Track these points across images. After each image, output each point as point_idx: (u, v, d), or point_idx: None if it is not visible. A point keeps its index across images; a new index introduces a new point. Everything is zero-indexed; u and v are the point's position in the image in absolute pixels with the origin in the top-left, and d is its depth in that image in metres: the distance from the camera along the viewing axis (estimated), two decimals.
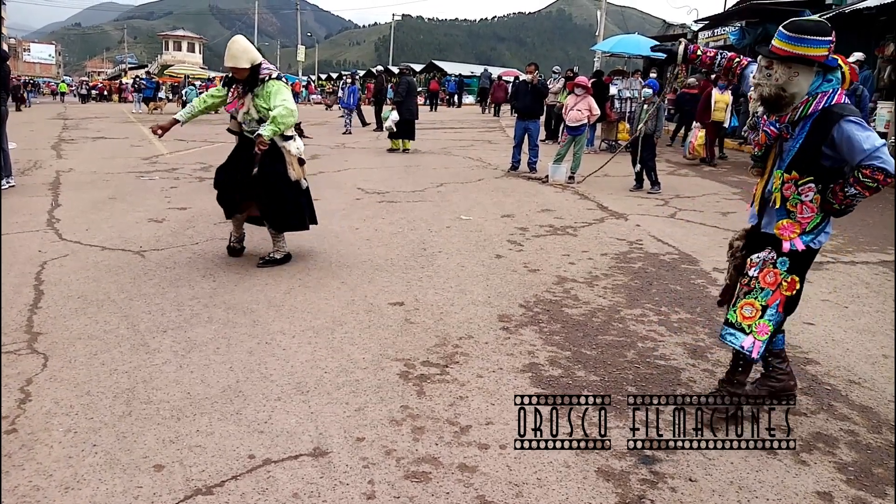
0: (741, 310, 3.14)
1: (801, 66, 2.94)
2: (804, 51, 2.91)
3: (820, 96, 2.96)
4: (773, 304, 3.11)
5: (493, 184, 10.27)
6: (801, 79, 2.95)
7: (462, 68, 49.22)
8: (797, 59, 2.93)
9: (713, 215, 8.16)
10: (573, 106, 10.61)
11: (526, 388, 3.47)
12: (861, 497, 2.66)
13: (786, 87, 2.97)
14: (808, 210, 3.04)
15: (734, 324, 3.14)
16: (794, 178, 3.02)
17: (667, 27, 26.52)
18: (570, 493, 2.62)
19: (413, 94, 14.40)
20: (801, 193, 3.03)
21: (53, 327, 4.15)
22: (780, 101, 3.00)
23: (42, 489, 2.56)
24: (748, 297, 3.14)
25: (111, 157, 12.79)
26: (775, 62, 2.99)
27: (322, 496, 2.55)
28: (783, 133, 3.05)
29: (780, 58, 2.96)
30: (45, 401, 3.23)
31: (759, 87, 3.06)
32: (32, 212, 7.51)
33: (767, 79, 3.01)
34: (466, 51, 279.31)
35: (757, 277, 3.13)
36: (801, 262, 3.12)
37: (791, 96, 2.98)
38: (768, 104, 3.06)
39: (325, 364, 3.71)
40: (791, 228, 3.08)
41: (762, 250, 3.16)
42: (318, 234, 6.58)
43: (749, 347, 3.10)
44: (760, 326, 3.10)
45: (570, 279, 5.42)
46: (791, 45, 2.93)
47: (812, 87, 2.97)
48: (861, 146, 2.83)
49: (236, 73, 5.31)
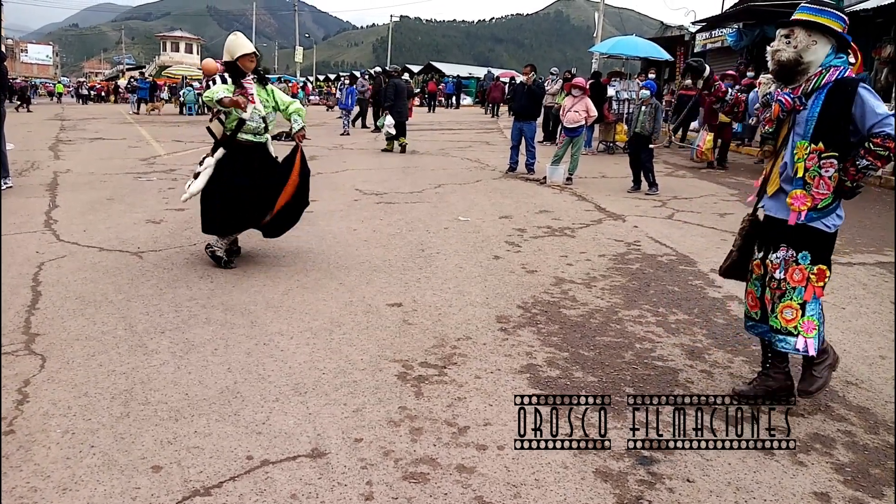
0: (782, 314, 3.21)
1: (819, 36, 3.10)
2: (825, 21, 3.09)
3: (832, 70, 3.10)
4: (809, 299, 3.19)
5: (491, 185, 10.28)
6: (818, 48, 3.10)
7: (460, 70, 49.26)
8: (817, 27, 3.09)
9: (711, 216, 8.18)
10: (571, 107, 10.62)
11: (524, 389, 3.47)
12: (858, 497, 2.67)
13: (803, 53, 3.11)
14: (825, 186, 3.12)
15: (780, 329, 3.22)
16: (819, 150, 3.11)
17: (664, 29, 26.54)
18: (567, 494, 2.62)
19: (402, 96, 14.59)
20: (822, 167, 3.11)
21: (51, 328, 4.14)
22: (796, 66, 3.14)
23: (40, 490, 2.55)
24: (784, 300, 3.21)
25: (109, 158, 12.78)
26: (796, 28, 3.14)
27: (320, 497, 2.55)
28: (796, 105, 3.15)
29: (802, 23, 3.12)
30: (43, 402, 3.22)
31: (777, 52, 3.18)
32: (30, 213, 7.50)
33: (787, 45, 3.14)
34: (464, 52, 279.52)
35: (784, 279, 3.20)
36: (822, 250, 3.19)
37: (807, 64, 3.12)
38: (784, 70, 3.18)
39: (324, 365, 3.71)
40: (803, 200, 3.14)
41: (777, 249, 3.22)
42: (317, 235, 6.59)
43: (804, 348, 3.19)
44: (806, 324, 3.19)
45: (567, 280, 5.42)
46: (812, 15, 3.11)
47: (826, 60, 3.11)
48: (874, 111, 2.99)
49: (249, 63, 5.27)
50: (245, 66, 5.29)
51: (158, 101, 31.60)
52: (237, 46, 5.28)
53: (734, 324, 4.54)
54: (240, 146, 5.33)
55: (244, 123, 5.28)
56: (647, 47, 16.79)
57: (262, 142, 5.44)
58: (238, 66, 5.28)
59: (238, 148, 5.33)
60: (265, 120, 5.38)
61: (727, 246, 6.62)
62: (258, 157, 5.41)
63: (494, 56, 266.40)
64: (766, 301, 3.30)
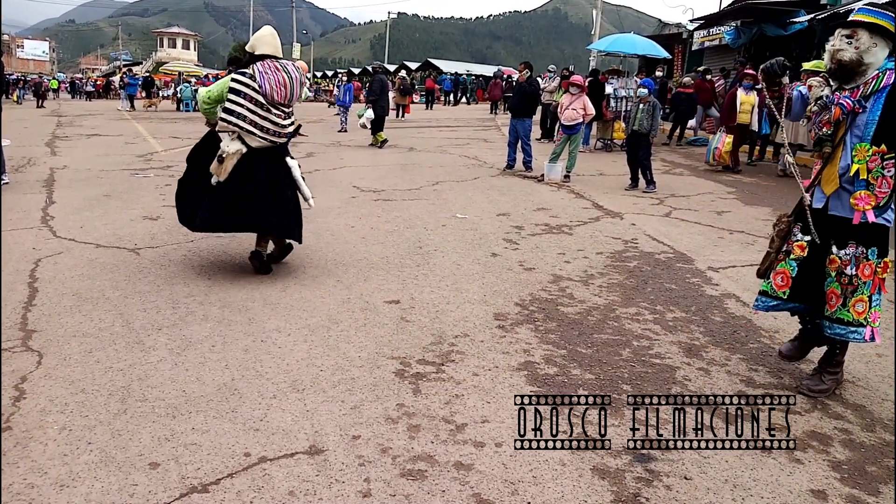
0: (854, 307, 3.35)
1: (879, 38, 3.20)
2: (887, 25, 3.19)
3: (889, 72, 3.20)
4: (875, 291, 3.36)
5: (489, 182, 10.27)
6: (878, 50, 3.20)
7: (458, 66, 49.20)
8: (879, 30, 3.19)
9: (708, 214, 8.18)
10: (568, 105, 10.61)
11: (522, 387, 3.47)
12: (855, 495, 2.68)
13: (864, 55, 3.21)
14: (887, 185, 3.24)
15: (853, 322, 3.35)
16: (882, 152, 3.21)
17: (662, 26, 26.54)
18: (565, 491, 2.63)
19: (385, 93, 14.94)
20: (884, 168, 3.22)
21: (48, 325, 4.13)
22: (857, 67, 3.23)
23: (37, 487, 2.55)
24: (856, 294, 3.34)
25: (105, 155, 12.75)
26: (859, 29, 3.22)
27: (318, 494, 2.55)
28: (856, 108, 3.23)
29: (866, 25, 3.20)
30: (40, 398, 3.22)
31: (839, 52, 3.26)
32: (26, 209, 7.48)
33: (849, 45, 3.23)
34: (462, 49, 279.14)
35: (856, 274, 3.32)
36: (885, 244, 3.35)
37: (867, 66, 3.22)
38: (843, 70, 3.26)
39: (321, 362, 3.70)
40: (867, 200, 3.26)
41: (845, 245, 3.34)
42: (314, 233, 6.58)
43: (870, 337, 3.38)
44: (873, 315, 3.37)
45: (565, 278, 5.42)
46: (875, 18, 3.20)
47: (884, 64, 3.22)
48: None
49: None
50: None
51: (155, 98, 31.51)
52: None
53: (731, 321, 4.55)
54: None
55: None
56: (645, 45, 16.78)
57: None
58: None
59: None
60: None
61: (724, 244, 6.67)
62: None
63: (492, 53, 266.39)
64: (829, 294, 3.41)
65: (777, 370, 3.80)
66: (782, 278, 3.54)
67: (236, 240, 6.00)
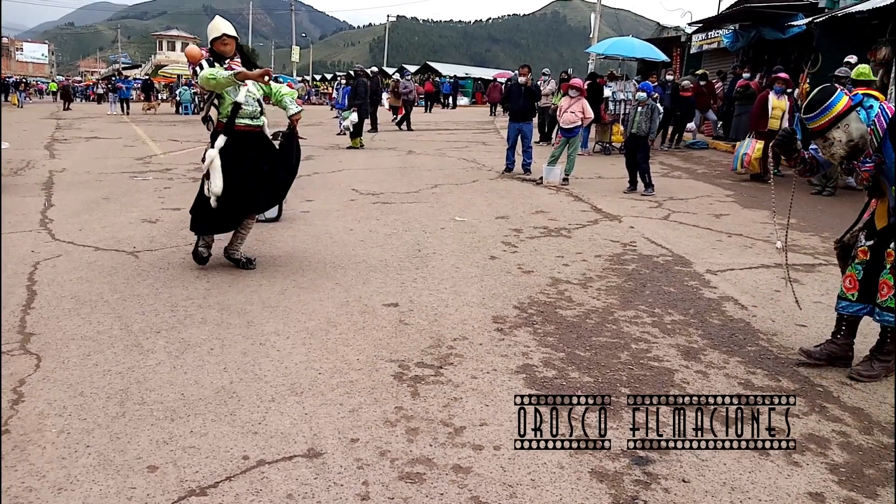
0: None
1: (841, 120, 3.48)
2: (832, 113, 3.48)
3: (876, 119, 3.51)
4: None
5: (488, 185, 10.28)
6: (852, 123, 3.48)
7: (457, 70, 49.27)
8: (835, 121, 3.48)
9: (706, 217, 8.19)
10: (567, 108, 10.63)
11: (520, 390, 3.47)
12: (852, 498, 2.68)
13: (849, 138, 3.49)
14: None
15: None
16: None
17: (661, 30, 26.61)
18: (563, 494, 2.63)
19: (368, 96, 15.35)
20: None
21: (46, 328, 4.13)
22: (856, 148, 3.52)
23: (35, 490, 2.55)
24: None
25: (104, 158, 12.76)
26: (826, 134, 3.54)
27: (316, 497, 2.55)
28: (877, 161, 3.55)
29: (826, 129, 3.52)
30: (38, 402, 3.21)
31: (833, 155, 3.60)
32: (25, 212, 7.48)
33: (832, 146, 3.54)
34: (461, 52, 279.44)
35: None
36: None
37: (860, 138, 3.49)
38: (851, 156, 3.58)
39: (320, 365, 3.71)
40: None
41: None
42: (313, 235, 6.59)
43: None
44: None
45: (564, 281, 5.43)
46: (822, 118, 3.51)
47: (865, 120, 3.49)
48: None
49: (226, 47, 5.08)
50: (220, 50, 5.08)
51: (155, 101, 31.54)
52: (210, 30, 5.13)
53: (729, 324, 4.55)
54: (239, 133, 5.12)
55: (240, 108, 5.06)
56: (643, 48, 16.81)
57: (260, 125, 5.23)
58: (215, 50, 5.10)
59: (238, 135, 5.11)
60: (260, 103, 5.20)
61: (723, 246, 6.69)
62: (258, 143, 5.24)
63: (491, 56, 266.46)
64: (882, 284, 3.61)
65: (775, 373, 3.80)
66: (850, 281, 3.79)
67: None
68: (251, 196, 5.23)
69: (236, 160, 5.09)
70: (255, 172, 5.16)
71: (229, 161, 5.06)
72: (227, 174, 5.03)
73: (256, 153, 5.20)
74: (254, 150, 5.19)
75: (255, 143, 5.22)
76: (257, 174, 5.18)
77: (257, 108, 5.17)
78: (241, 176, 5.09)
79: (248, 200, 5.25)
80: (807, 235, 7.26)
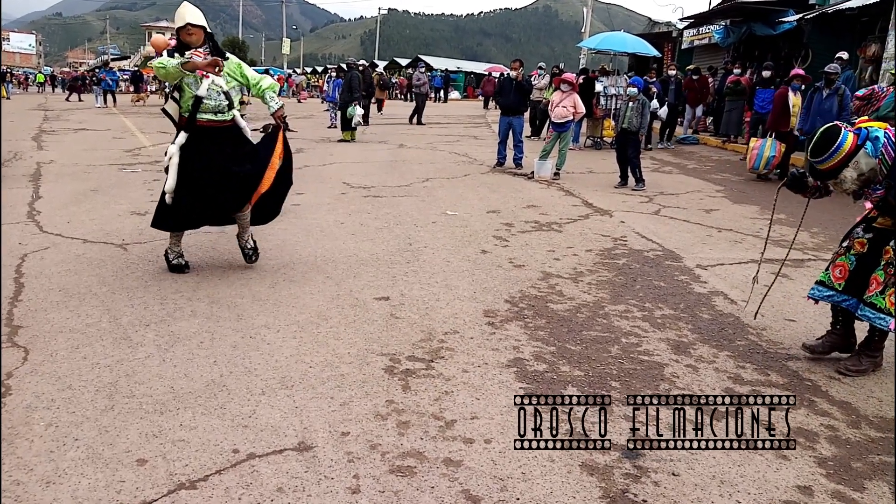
0: (889, 297, 3.59)
1: (850, 160, 3.53)
2: (841, 154, 3.53)
3: (884, 149, 3.54)
4: None
5: (479, 179, 10.27)
6: (861, 160, 3.53)
7: (448, 63, 49.18)
8: (845, 161, 3.54)
9: (697, 212, 8.22)
10: (559, 102, 10.63)
11: (511, 384, 3.48)
12: (840, 491, 2.70)
13: (859, 172, 3.55)
14: None
15: (883, 309, 3.59)
16: None
17: (652, 25, 26.61)
18: (554, 487, 2.64)
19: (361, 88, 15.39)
20: None
21: (34, 320, 4.10)
22: (867, 181, 3.59)
23: (22, 483, 2.53)
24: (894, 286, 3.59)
25: (93, 149, 12.65)
26: (839, 176, 3.59)
27: (307, 490, 2.55)
28: (887, 187, 3.62)
29: (836, 169, 3.58)
30: (26, 395, 3.19)
31: (845, 190, 3.67)
32: (12, 204, 7.41)
33: (843, 184, 3.61)
34: (452, 46, 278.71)
35: None
36: None
37: (870, 171, 3.54)
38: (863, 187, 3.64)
39: (310, 359, 3.70)
40: None
41: None
42: (304, 229, 6.56)
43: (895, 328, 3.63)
44: None
45: (555, 275, 5.44)
46: (831, 161, 3.56)
47: (873, 153, 3.53)
48: None
49: (191, 37, 4.73)
50: (186, 40, 4.73)
51: (144, 92, 31.28)
52: (175, 18, 4.80)
53: (719, 319, 4.57)
54: (202, 129, 4.78)
55: (201, 102, 4.71)
56: (634, 43, 16.82)
57: (227, 120, 4.86)
58: (180, 40, 4.80)
59: (200, 131, 4.78)
60: (228, 96, 4.81)
61: (713, 241, 6.71)
62: (226, 140, 4.88)
63: (483, 50, 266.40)
64: (872, 279, 3.65)
65: (764, 367, 3.83)
66: (840, 271, 3.83)
67: (225, 236, 5.97)
68: (212, 194, 4.82)
69: (197, 157, 4.78)
70: (213, 169, 4.78)
71: (189, 158, 4.79)
72: (185, 172, 4.77)
73: (220, 149, 4.84)
74: (217, 147, 4.84)
75: (221, 139, 4.87)
76: (217, 172, 4.79)
77: (222, 101, 4.79)
78: (199, 172, 4.77)
79: (210, 199, 4.85)
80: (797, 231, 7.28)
